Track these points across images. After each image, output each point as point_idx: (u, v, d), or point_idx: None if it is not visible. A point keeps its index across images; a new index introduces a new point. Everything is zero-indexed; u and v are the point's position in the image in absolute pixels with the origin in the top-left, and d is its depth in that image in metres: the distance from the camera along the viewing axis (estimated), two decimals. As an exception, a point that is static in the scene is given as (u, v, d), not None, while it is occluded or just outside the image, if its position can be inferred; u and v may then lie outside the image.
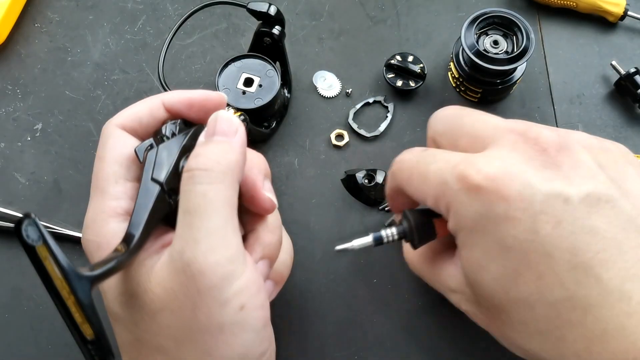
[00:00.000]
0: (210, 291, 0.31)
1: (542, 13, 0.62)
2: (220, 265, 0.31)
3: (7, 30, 0.61)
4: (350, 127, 0.57)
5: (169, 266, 0.32)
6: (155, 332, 0.33)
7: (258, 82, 0.53)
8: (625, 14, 0.60)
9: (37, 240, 0.27)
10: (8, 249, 0.53)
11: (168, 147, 0.36)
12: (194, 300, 0.31)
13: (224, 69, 0.54)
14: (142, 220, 0.33)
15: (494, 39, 0.55)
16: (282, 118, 0.57)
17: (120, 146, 0.37)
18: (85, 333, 0.28)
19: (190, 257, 0.31)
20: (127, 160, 0.37)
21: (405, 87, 0.57)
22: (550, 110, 0.58)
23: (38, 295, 0.51)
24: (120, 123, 0.38)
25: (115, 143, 0.37)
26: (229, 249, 0.32)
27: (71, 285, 0.27)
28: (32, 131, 0.58)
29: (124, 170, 0.36)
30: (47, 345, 0.50)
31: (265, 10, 0.51)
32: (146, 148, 0.36)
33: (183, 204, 0.33)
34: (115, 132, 0.37)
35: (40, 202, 0.55)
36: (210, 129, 0.35)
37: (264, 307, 0.35)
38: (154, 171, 0.35)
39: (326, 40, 0.61)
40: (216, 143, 0.35)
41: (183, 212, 0.33)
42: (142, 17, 0.63)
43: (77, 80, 0.60)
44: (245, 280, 0.33)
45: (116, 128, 0.38)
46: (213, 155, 0.34)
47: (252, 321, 0.33)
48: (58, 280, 0.27)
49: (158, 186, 0.35)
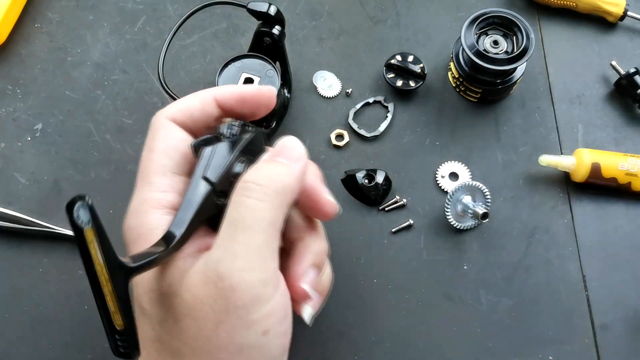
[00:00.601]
0: (238, 310, 0.31)
1: (542, 13, 0.62)
2: (254, 286, 0.31)
3: (7, 31, 0.61)
4: (350, 127, 0.57)
5: (203, 275, 0.31)
6: (176, 336, 0.32)
7: (258, 82, 0.53)
8: (625, 14, 0.60)
9: (86, 223, 0.27)
10: (8, 249, 0.53)
11: (225, 147, 0.35)
12: (220, 316, 0.31)
13: (224, 68, 0.54)
14: (187, 219, 0.32)
15: (494, 39, 0.55)
16: (282, 118, 0.57)
17: (171, 138, 0.36)
18: (116, 323, 0.28)
19: (225, 271, 0.31)
20: (177, 153, 0.36)
21: (405, 87, 0.57)
22: (550, 110, 0.58)
23: (38, 295, 0.51)
24: (171, 115, 0.37)
25: (166, 135, 0.36)
26: (265, 272, 0.32)
27: (111, 273, 0.27)
28: (32, 131, 0.58)
29: (172, 163, 0.36)
30: (47, 345, 0.50)
31: (265, 10, 0.51)
32: (202, 144, 0.35)
33: (230, 213, 0.32)
34: (167, 124, 0.37)
35: (40, 202, 0.55)
36: (277, 150, 0.35)
37: (286, 335, 0.34)
38: (208, 169, 0.34)
39: (326, 40, 0.61)
40: (278, 164, 0.35)
41: (229, 221, 0.32)
42: (142, 17, 0.63)
43: (77, 80, 0.60)
44: (274, 304, 0.32)
45: (167, 120, 0.37)
46: (272, 174, 0.33)
47: (272, 347, 0.32)
48: (99, 265, 0.27)
49: (209, 185, 0.34)
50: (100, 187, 0.55)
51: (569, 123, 0.58)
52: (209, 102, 0.38)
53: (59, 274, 0.52)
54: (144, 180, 0.36)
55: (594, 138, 0.57)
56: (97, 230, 0.27)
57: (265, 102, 0.39)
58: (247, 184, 0.33)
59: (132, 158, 0.56)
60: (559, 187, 0.55)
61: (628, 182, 0.53)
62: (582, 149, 0.54)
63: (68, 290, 0.52)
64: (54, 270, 0.52)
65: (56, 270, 0.52)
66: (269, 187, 0.33)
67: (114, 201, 0.54)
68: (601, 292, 0.51)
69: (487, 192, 0.52)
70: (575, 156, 0.54)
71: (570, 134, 0.57)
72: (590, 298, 0.51)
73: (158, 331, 0.33)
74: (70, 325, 0.50)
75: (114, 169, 0.56)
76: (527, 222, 0.54)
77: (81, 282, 0.52)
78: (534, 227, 0.54)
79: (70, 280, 0.52)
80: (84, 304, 0.51)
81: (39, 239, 0.53)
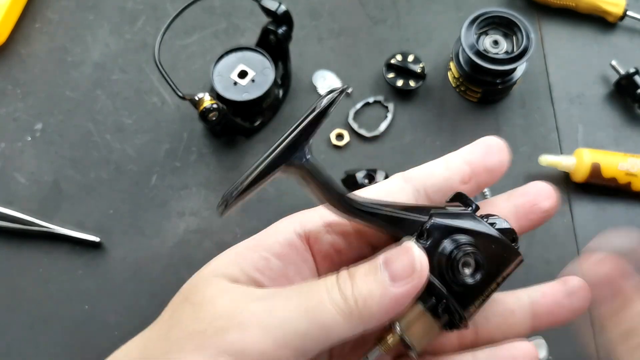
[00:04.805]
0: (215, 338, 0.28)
1: (542, 13, 0.62)
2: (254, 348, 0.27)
3: (8, 31, 0.61)
4: (350, 127, 0.57)
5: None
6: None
7: (252, 76, 0.54)
8: (624, 15, 0.60)
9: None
10: (8, 249, 0.53)
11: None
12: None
13: (227, 55, 0.55)
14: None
15: (494, 39, 0.55)
16: (269, 120, 0.57)
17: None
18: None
19: (242, 342, 0.27)
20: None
21: (405, 87, 0.57)
22: (550, 110, 0.58)
23: (38, 295, 0.51)
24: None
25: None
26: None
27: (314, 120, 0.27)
28: (32, 131, 0.58)
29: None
30: (47, 345, 0.50)
31: (275, 9, 0.52)
32: None
33: (308, 288, 0.29)
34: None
35: (40, 202, 0.55)
36: (389, 256, 0.29)
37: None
38: None
39: (326, 40, 0.61)
40: (375, 280, 0.28)
41: (299, 290, 0.29)
42: (142, 17, 0.63)
43: (77, 80, 0.60)
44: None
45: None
46: (360, 292, 0.28)
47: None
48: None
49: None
50: (100, 187, 0.55)
51: (569, 123, 0.57)
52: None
53: (59, 274, 0.52)
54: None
55: (594, 138, 0.57)
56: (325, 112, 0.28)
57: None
58: (339, 288, 0.28)
59: (132, 158, 0.56)
60: (559, 187, 0.55)
61: (628, 182, 0.53)
62: (582, 149, 0.54)
63: (68, 290, 0.52)
64: (54, 270, 0.52)
65: (56, 270, 0.52)
66: (355, 308, 0.28)
67: (114, 201, 0.55)
68: (601, 292, 0.51)
69: (487, 192, 0.52)
70: (575, 156, 0.54)
71: (570, 134, 0.57)
72: (590, 298, 0.51)
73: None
74: (70, 325, 0.50)
75: (114, 169, 0.56)
76: (527, 222, 0.54)
77: (81, 282, 0.52)
78: (534, 227, 0.54)
79: (70, 280, 0.52)
80: (84, 304, 0.51)
81: (39, 239, 0.53)
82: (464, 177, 0.33)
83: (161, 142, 0.57)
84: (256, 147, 0.57)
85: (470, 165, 0.33)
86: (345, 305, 0.28)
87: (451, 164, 0.33)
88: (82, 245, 0.53)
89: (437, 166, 0.33)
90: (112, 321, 0.50)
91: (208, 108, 0.49)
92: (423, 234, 0.29)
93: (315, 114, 0.27)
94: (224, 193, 0.28)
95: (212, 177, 0.56)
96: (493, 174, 0.34)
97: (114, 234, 0.53)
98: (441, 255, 0.29)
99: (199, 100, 0.50)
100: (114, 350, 0.30)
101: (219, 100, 0.52)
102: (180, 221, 0.54)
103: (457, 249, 0.29)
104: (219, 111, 0.50)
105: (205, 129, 0.57)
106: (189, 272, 0.32)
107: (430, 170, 0.33)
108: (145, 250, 0.53)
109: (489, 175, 0.33)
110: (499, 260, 0.31)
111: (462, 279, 0.29)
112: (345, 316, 0.28)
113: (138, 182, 0.55)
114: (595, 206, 0.54)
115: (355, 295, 0.28)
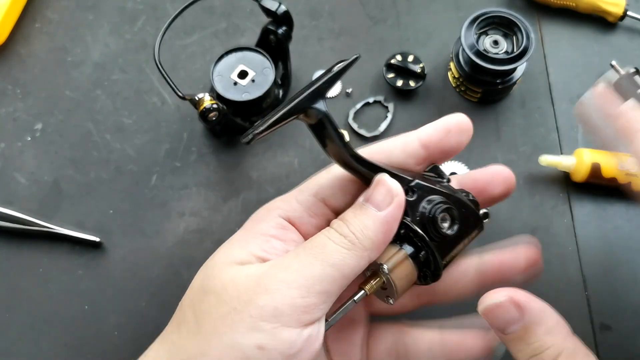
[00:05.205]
0: (254, 310, 0.30)
1: (542, 13, 0.62)
2: (284, 301, 0.30)
3: (7, 31, 0.61)
4: (350, 127, 0.57)
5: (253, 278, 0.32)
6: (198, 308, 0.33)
7: (252, 76, 0.54)
8: (624, 15, 0.60)
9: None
10: (8, 249, 0.53)
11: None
12: (237, 305, 0.31)
13: (227, 55, 0.55)
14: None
15: (494, 39, 0.55)
16: None
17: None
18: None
19: (272, 302, 0.30)
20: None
21: (405, 87, 0.57)
22: (550, 110, 0.58)
23: (38, 295, 0.51)
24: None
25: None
26: (303, 300, 0.31)
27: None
28: (32, 131, 0.58)
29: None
30: (47, 345, 0.50)
31: (275, 9, 0.52)
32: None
33: (311, 240, 0.33)
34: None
35: (40, 202, 0.55)
36: (368, 193, 0.34)
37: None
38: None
39: (326, 40, 0.61)
40: (364, 213, 0.33)
41: (307, 246, 0.33)
42: (142, 17, 0.63)
43: (77, 80, 0.60)
44: (295, 337, 0.30)
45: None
46: (355, 227, 0.33)
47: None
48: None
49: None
50: (100, 187, 0.55)
51: (569, 123, 0.57)
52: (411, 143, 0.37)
53: (59, 274, 0.52)
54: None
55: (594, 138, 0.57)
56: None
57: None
58: (338, 225, 0.33)
59: (132, 158, 0.56)
60: (559, 187, 0.55)
61: (628, 182, 0.53)
62: (582, 149, 0.54)
63: (68, 290, 0.52)
64: (54, 270, 0.52)
65: (56, 270, 0.52)
66: (352, 240, 0.32)
67: (114, 201, 0.55)
68: (601, 292, 0.51)
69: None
70: (575, 156, 0.54)
71: (570, 134, 0.57)
72: (590, 298, 0.51)
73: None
74: (70, 325, 0.50)
75: (114, 169, 0.56)
76: (527, 222, 0.54)
77: (81, 282, 0.52)
78: (534, 227, 0.54)
79: (70, 280, 0.52)
80: (84, 304, 0.51)
81: (39, 239, 0.53)
82: (418, 160, 0.36)
83: (161, 142, 0.57)
84: (256, 147, 0.57)
85: (426, 150, 0.36)
86: (347, 241, 0.32)
87: (409, 147, 0.36)
88: (82, 245, 0.53)
89: (395, 148, 0.36)
90: (112, 321, 0.50)
91: (208, 108, 0.49)
92: (408, 191, 0.34)
93: (333, 73, 0.32)
94: (247, 131, 0.31)
95: (212, 177, 0.56)
96: (449, 154, 0.37)
97: (114, 234, 0.53)
98: (424, 209, 0.34)
99: (199, 100, 0.50)
100: (114, 351, 0.30)
101: (219, 101, 0.52)
102: (180, 221, 0.54)
103: (438, 204, 0.34)
104: (219, 111, 0.50)
105: (205, 129, 0.57)
106: (189, 272, 0.32)
107: (389, 152, 0.36)
108: (145, 250, 0.53)
109: (444, 155, 0.37)
110: (468, 222, 0.35)
111: (441, 230, 0.34)
112: (350, 249, 0.32)
113: (138, 182, 0.55)
114: (595, 206, 0.54)
115: (352, 231, 0.32)
